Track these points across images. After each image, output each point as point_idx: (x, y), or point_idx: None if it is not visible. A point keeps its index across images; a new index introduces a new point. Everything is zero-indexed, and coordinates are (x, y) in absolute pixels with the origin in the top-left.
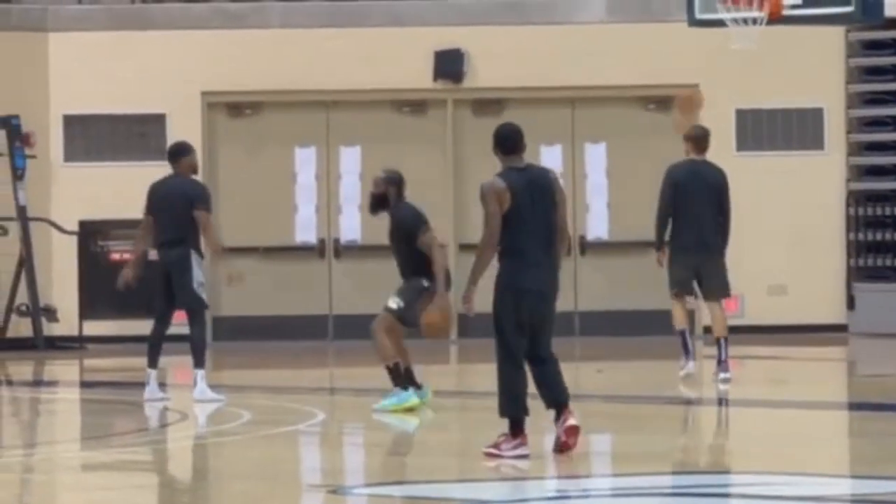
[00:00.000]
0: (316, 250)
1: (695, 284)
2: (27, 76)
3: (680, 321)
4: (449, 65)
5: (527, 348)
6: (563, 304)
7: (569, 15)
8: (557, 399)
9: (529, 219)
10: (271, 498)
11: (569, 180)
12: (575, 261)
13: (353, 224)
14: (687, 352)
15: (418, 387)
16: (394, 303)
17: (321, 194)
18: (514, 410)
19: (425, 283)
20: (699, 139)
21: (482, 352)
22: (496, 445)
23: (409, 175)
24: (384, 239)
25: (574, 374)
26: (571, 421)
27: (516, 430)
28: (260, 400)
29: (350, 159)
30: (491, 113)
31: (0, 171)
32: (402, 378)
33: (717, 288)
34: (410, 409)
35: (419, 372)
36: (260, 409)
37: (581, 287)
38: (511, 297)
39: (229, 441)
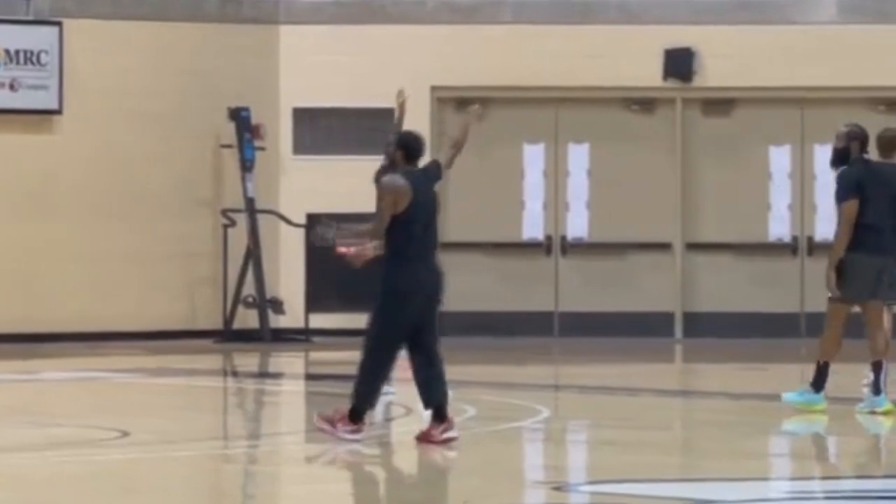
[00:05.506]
0: (543, 247)
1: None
2: (258, 68)
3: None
4: (679, 63)
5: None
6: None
7: (800, 15)
8: (439, 401)
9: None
10: (495, 494)
11: (797, 180)
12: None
13: (580, 222)
14: None
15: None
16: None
17: (549, 191)
18: (372, 402)
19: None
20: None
21: (709, 351)
22: (331, 422)
23: (636, 173)
24: (611, 237)
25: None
26: (452, 434)
27: (358, 418)
28: (485, 396)
29: (578, 157)
30: (720, 113)
31: (229, 162)
32: (823, 380)
33: None
34: (817, 412)
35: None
36: (485, 405)
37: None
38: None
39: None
